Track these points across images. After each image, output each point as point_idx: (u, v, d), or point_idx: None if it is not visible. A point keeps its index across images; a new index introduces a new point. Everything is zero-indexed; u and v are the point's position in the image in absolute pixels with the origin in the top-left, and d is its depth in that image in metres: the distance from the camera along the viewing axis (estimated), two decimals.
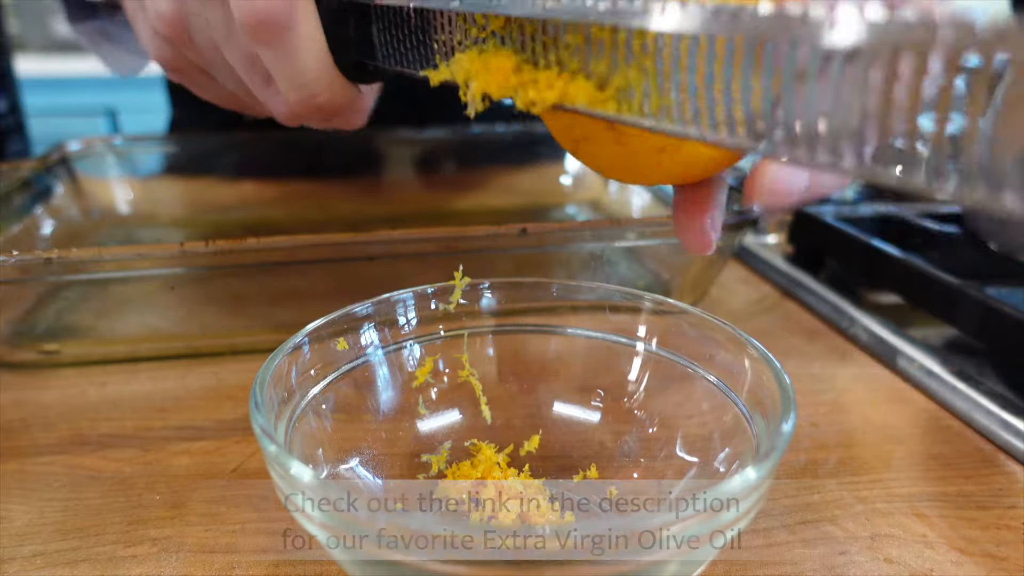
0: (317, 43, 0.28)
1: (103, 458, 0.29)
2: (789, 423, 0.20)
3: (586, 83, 0.19)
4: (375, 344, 0.27)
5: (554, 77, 0.20)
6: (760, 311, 0.44)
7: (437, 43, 0.23)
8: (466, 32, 0.22)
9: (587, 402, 0.28)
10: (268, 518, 0.26)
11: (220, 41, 0.30)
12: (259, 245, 0.33)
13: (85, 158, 0.54)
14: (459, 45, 0.22)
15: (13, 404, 0.33)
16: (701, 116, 0.17)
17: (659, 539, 0.16)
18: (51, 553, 0.24)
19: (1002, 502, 0.27)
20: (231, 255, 0.33)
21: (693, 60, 0.16)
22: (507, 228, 0.35)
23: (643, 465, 0.26)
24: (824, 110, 0.14)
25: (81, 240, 0.50)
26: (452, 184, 0.60)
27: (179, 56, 0.33)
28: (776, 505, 0.27)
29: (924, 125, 0.13)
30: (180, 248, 0.32)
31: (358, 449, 0.26)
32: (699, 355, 0.26)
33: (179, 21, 0.30)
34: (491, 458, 0.26)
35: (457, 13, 0.22)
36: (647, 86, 0.17)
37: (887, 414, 0.33)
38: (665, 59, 0.17)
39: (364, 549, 0.17)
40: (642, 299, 0.28)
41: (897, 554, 0.24)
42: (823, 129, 0.14)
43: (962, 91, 0.13)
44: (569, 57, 0.19)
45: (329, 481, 0.19)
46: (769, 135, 0.15)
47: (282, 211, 0.57)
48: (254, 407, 0.20)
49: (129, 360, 0.37)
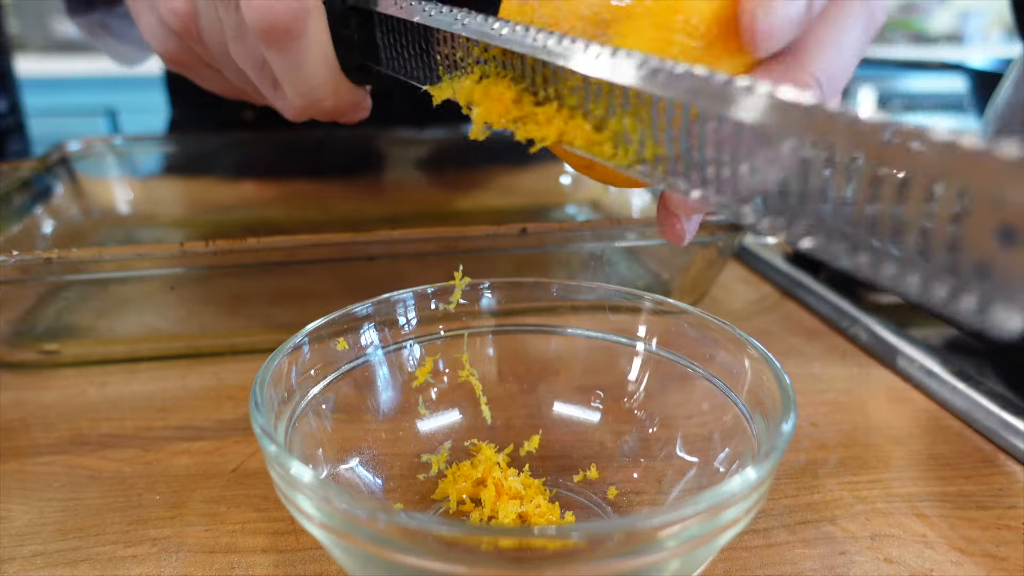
0: (325, 50, 0.28)
1: (103, 458, 0.29)
2: (789, 423, 0.20)
3: (584, 124, 0.19)
4: (375, 344, 0.27)
5: (553, 113, 0.20)
6: (760, 311, 0.44)
7: (440, 55, 0.23)
8: (468, 50, 0.22)
9: (587, 402, 0.28)
10: (268, 518, 0.26)
11: (230, 41, 0.30)
12: (259, 245, 0.33)
13: (85, 158, 0.54)
14: (461, 61, 0.22)
15: (13, 404, 0.33)
16: (688, 169, 0.17)
17: (659, 539, 0.16)
18: (51, 553, 0.24)
19: (1002, 502, 0.27)
20: (231, 255, 0.33)
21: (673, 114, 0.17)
22: (507, 228, 0.35)
23: (643, 465, 0.26)
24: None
25: (81, 240, 0.50)
26: (452, 184, 0.60)
27: (186, 50, 0.33)
28: (776, 505, 0.27)
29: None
30: (180, 248, 0.32)
31: (358, 449, 0.26)
32: (699, 355, 0.26)
33: (191, 17, 0.30)
34: (491, 458, 0.26)
35: (458, 33, 0.22)
36: (642, 133, 0.18)
37: (887, 414, 0.33)
38: (660, 110, 0.17)
39: (364, 549, 0.17)
40: (642, 299, 0.28)
41: (897, 554, 0.24)
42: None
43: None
44: (568, 93, 0.19)
45: (329, 481, 0.19)
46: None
47: (282, 211, 0.57)
48: (254, 407, 0.20)
49: (129, 360, 0.37)
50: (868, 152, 0.13)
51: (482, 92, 0.21)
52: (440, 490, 0.26)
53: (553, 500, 0.26)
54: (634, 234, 0.37)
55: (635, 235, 0.37)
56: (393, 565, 0.17)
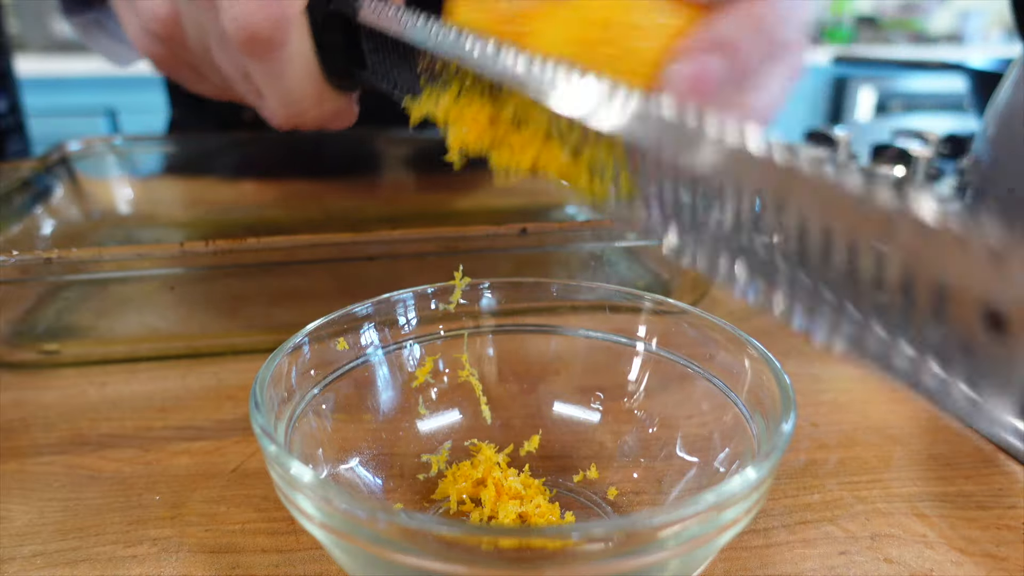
0: (308, 60, 0.27)
1: (103, 458, 0.29)
2: (789, 423, 0.20)
3: (558, 152, 0.19)
4: (375, 344, 0.27)
5: (528, 140, 0.19)
6: (760, 311, 0.44)
7: (422, 66, 0.23)
8: (445, 62, 0.22)
9: (587, 402, 0.28)
10: (268, 518, 0.26)
11: (214, 48, 0.30)
12: (259, 245, 0.33)
13: (85, 158, 0.54)
14: (439, 72, 0.22)
15: (13, 404, 0.33)
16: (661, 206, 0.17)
17: (659, 539, 0.16)
18: (51, 553, 0.24)
19: (1002, 502, 0.27)
20: (231, 255, 0.33)
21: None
22: (507, 228, 0.35)
23: (643, 465, 0.26)
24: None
25: (81, 240, 0.50)
26: (452, 184, 0.60)
27: (171, 55, 0.33)
28: (776, 505, 0.27)
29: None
30: (180, 248, 0.32)
31: (358, 449, 0.26)
32: (699, 355, 0.26)
33: (173, 22, 0.30)
34: (491, 458, 0.26)
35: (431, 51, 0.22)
36: (617, 166, 0.17)
37: (887, 414, 0.33)
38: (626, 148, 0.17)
39: (364, 549, 0.17)
40: (642, 299, 0.28)
41: (897, 554, 0.24)
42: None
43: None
44: (540, 116, 0.19)
45: (329, 481, 0.19)
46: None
47: (282, 211, 0.57)
48: (254, 407, 0.20)
49: (129, 360, 0.37)
50: (844, 226, 0.12)
51: (457, 112, 0.21)
52: (440, 490, 0.26)
53: (553, 500, 0.26)
54: (634, 234, 0.37)
55: (635, 235, 0.37)
56: (393, 565, 0.17)
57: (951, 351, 0.12)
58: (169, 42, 0.31)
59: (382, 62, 0.26)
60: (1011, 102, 0.46)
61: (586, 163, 0.18)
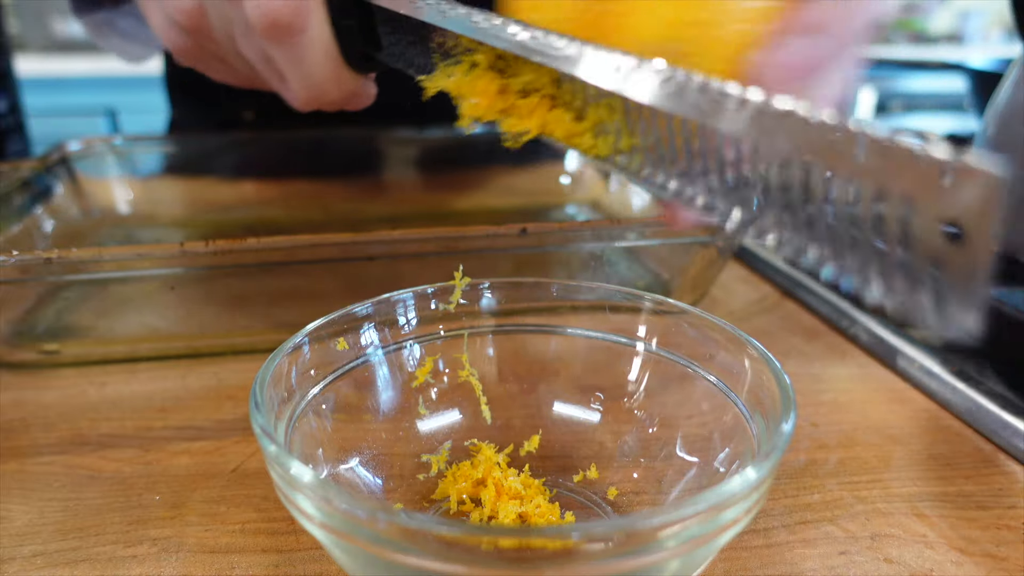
0: (327, 45, 0.29)
1: (103, 458, 0.29)
2: (789, 423, 0.20)
3: (564, 115, 0.20)
4: (375, 344, 0.27)
5: (534, 105, 0.21)
6: (760, 311, 0.44)
7: (434, 44, 0.24)
8: (458, 39, 0.23)
9: (587, 402, 0.28)
10: (268, 518, 0.26)
11: (238, 36, 0.31)
12: (259, 245, 0.33)
13: (85, 158, 0.54)
14: (453, 50, 0.23)
15: (13, 404, 0.33)
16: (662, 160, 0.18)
17: (659, 539, 0.16)
18: (51, 553, 0.24)
19: (1002, 502, 0.27)
20: (231, 255, 0.33)
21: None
22: (507, 228, 0.35)
23: (643, 465, 0.26)
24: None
25: (81, 240, 0.50)
26: (452, 184, 0.60)
27: (196, 46, 0.34)
28: (776, 505, 0.27)
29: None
30: (180, 248, 0.32)
31: (358, 449, 0.26)
32: (699, 355, 0.26)
33: (199, 13, 0.31)
34: (491, 458, 0.26)
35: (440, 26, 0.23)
36: (618, 124, 0.18)
37: (887, 414, 0.33)
38: (632, 107, 0.17)
39: (364, 549, 0.17)
40: (642, 299, 0.28)
41: (897, 554, 0.24)
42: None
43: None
44: (548, 84, 0.20)
45: (329, 481, 0.19)
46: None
47: (282, 211, 0.57)
48: (254, 407, 0.20)
49: (129, 360, 0.37)
50: (818, 156, 0.14)
51: (469, 85, 0.22)
52: (440, 490, 0.26)
53: (553, 500, 0.26)
54: (634, 234, 0.37)
55: (635, 235, 0.37)
56: (393, 565, 0.17)
57: (920, 265, 0.13)
58: (195, 33, 0.32)
59: (397, 43, 0.27)
60: (1011, 102, 0.45)
61: (590, 124, 0.19)
